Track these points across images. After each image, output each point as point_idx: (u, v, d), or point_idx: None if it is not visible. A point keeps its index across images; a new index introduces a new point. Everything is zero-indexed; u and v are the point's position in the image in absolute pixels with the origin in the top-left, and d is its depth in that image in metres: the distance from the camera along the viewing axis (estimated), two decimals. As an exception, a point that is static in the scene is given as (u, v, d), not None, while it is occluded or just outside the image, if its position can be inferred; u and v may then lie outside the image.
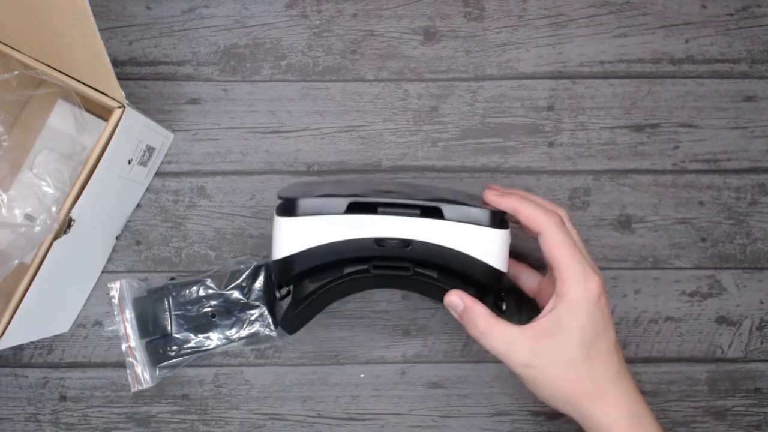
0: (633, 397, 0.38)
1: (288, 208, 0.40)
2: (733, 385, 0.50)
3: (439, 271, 0.40)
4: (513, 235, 0.42)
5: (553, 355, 0.37)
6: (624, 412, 0.37)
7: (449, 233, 0.39)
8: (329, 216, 0.39)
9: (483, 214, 0.39)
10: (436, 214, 0.39)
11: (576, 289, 0.37)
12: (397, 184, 0.48)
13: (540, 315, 0.39)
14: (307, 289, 0.41)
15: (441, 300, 0.41)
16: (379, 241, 0.38)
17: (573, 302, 0.37)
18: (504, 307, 0.42)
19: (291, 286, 0.43)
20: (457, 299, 0.39)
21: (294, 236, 0.40)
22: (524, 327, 0.38)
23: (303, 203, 0.39)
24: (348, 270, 0.40)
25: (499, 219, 0.40)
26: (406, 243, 0.38)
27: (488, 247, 0.39)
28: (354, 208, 0.39)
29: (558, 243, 0.38)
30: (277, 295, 0.43)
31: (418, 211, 0.39)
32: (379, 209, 0.38)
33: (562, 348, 0.37)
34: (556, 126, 0.52)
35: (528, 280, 0.46)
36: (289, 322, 0.43)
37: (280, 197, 0.42)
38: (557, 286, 0.38)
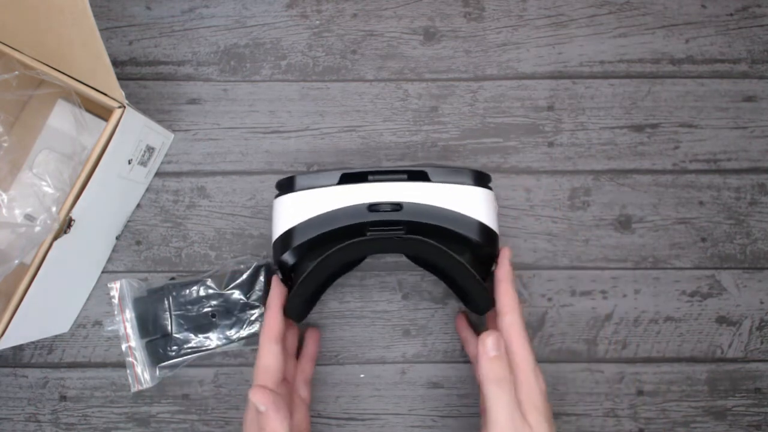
0: None
1: (286, 186, 0.42)
2: (733, 385, 0.50)
3: (433, 235, 0.41)
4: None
5: None
6: None
7: (437, 193, 0.40)
8: (324, 188, 0.41)
9: (466, 174, 0.41)
10: (422, 177, 0.41)
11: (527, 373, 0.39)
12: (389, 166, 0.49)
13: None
14: (306, 268, 0.41)
15: (438, 266, 0.43)
16: (372, 207, 0.40)
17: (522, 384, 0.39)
18: (494, 268, 0.43)
19: (292, 274, 0.44)
20: (498, 342, 0.38)
21: (292, 210, 0.41)
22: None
23: (299, 179, 0.42)
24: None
25: (482, 178, 0.42)
26: (398, 206, 0.40)
27: (475, 203, 0.41)
28: (346, 179, 0.41)
29: (521, 329, 0.39)
30: (278, 275, 0.44)
31: (405, 176, 0.41)
32: (369, 177, 0.41)
33: None
34: (556, 126, 0.52)
35: (473, 346, 0.46)
36: (293, 307, 0.43)
37: (278, 183, 0.43)
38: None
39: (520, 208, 0.51)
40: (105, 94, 0.42)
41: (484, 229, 0.41)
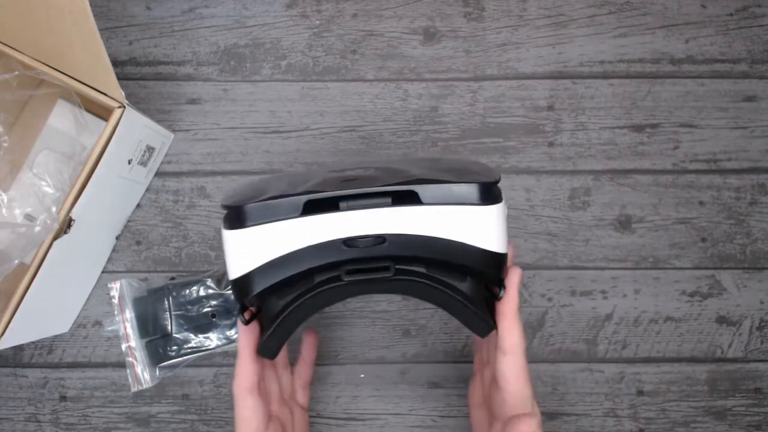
0: None
1: (234, 218, 0.34)
2: (733, 385, 0.50)
3: (427, 264, 0.34)
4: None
5: None
6: None
7: (430, 220, 0.32)
8: (284, 221, 0.33)
9: (469, 189, 0.33)
10: (411, 199, 0.32)
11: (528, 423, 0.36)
12: (365, 167, 0.39)
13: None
14: (275, 307, 0.34)
15: (433, 302, 0.35)
16: (348, 242, 0.32)
17: None
18: (501, 294, 0.36)
19: (257, 307, 0.37)
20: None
21: (247, 251, 0.33)
22: None
23: (251, 210, 0.33)
24: (319, 279, 0.33)
25: (490, 191, 0.34)
26: (380, 239, 0.32)
27: (480, 228, 0.33)
28: (312, 207, 0.32)
29: (520, 371, 0.36)
30: (241, 320, 0.36)
31: (389, 199, 0.32)
32: (341, 204, 0.32)
33: None
34: (556, 126, 0.52)
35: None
36: (265, 347, 0.36)
37: (223, 206, 0.35)
38: (504, 410, 0.37)
39: (520, 208, 0.51)
40: (105, 94, 0.42)
41: (489, 256, 0.34)
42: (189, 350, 0.48)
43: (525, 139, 0.52)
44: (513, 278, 0.36)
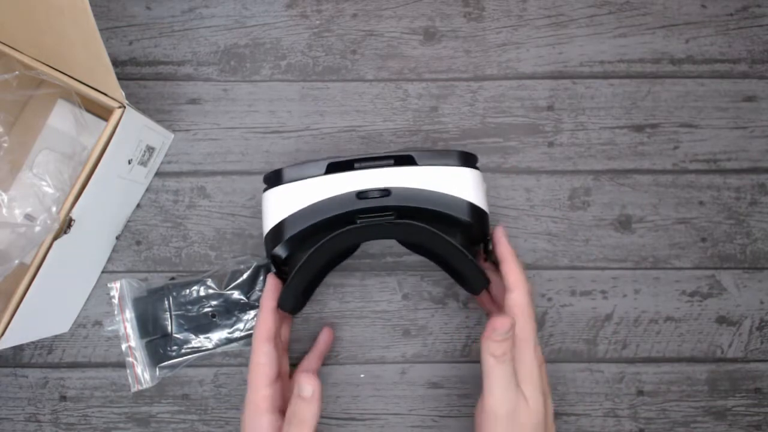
0: None
1: (273, 179, 0.42)
2: (733, 385, 0.50)
3: (423, 219, 0.41)
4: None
5: None
6: None
7: (425, 176, 0.40)
8: (311, 179, 0.41)
9: (452, 154, 0.41)
10: (409, 161, 0.41)
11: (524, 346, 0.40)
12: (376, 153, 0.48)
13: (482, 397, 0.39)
14: (299, 260, 0.41)
15: (431, 251, 0.43)
16: (361, 194, 0.40)
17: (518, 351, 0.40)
18: (490, 247, 0.43)
19: (285, 267, 0.44)
20: (504, 327, 0.38)
21: (281, 203, 0.41)
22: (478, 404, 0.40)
23: (287, 171, 0.41)
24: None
25: (469, 159, 0.42)
26: (386, 192, 0.40)
27: (464, 184, 0.41)
28: (333, 169, 0.41)
29: (525, 306, 0.40)
30: (271, 270, 0.44)
31: (392, 161, 0.41)
32: (356, 165, 0.41)
33: None
34: (556, 126, 0.52)
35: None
36: (286, 299, 0.43)
37: (265, 176, 0.43)
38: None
39: (520, 208, 0.51)
40: (105, 94, 0.42)
41: (473, 208, 0.41)
42: (189, 350, 0.48)
43: (525, 139, 0.52)
44: (499, 231, 0.43)
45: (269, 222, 0.42)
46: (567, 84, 0.52)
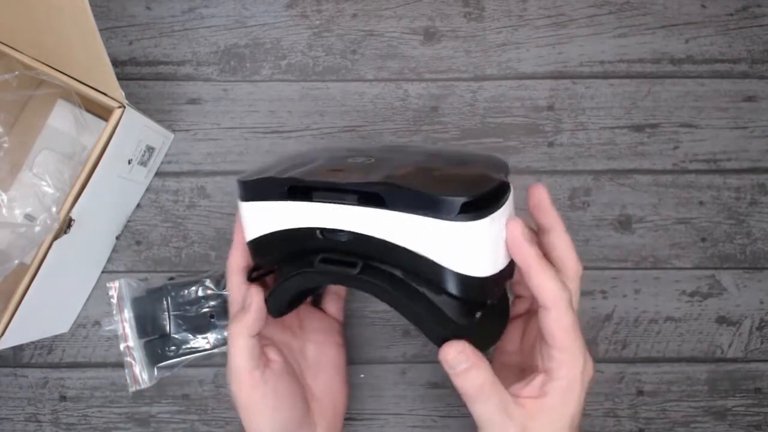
0: None
1: (239, 190, 0.35)
2: (733, 385, 0.50)
3: (404, 270, 0.31)
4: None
5: None
6: None
7: (395, 226, 0.29)
8: (271, 202, 0.33)
9: (433, 200, 0.28)
10: (376, 201, 0.30)
11: (573, 380, 0.34)
12: (383, 150, 0.38)
13: (528, 387, 0.35)
14: (283, 273, 0.36)
15: (399, 310, 0.33)
16: (324, 232, 0.32)
17: (567, 392, 0.34)
18: (478, 316, 0.32)
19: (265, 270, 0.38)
20: (462, 356, 0.32)
21: (247, 222, 0.35)
22: (518, 399, 0.34)
23: (245, 187, 0.34)
24: (312, 258, 0.34)
25: (465, 204, 0.28)
26: (350, 235, 0.31)
27: (448, 246, 0.29)
28: (296, 192, 0.32)
29: (566, 326, 0.33)
30: (249, 274, 0.38)
31: (355, 197, 0.30)
32: (314, 195, 0.31)
33: None
34: (556, 126, 0.52)
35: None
36: (269, 305, 0.37)
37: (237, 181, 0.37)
38: (551, 365, 0.34)
39: (520, 208, 0.51)
40: (105, 94, 0.42)
41: (462, 279, 0.29)
42: (187, 350, 0.48)
43: (525, 139, 0.52)
44: (538, 191, 0.36)
45: (246, 234, 0.37)
46: (567, 84, 0.52)
